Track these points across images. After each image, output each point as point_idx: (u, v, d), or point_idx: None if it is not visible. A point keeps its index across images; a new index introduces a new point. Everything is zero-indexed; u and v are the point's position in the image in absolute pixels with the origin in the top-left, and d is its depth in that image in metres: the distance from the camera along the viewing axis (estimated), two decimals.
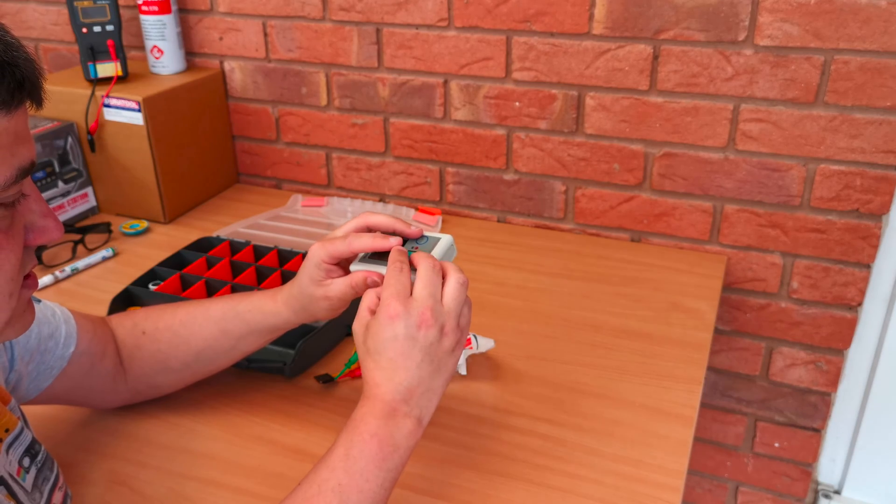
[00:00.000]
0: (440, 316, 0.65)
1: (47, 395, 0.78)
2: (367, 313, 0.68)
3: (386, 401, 0.64)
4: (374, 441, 0.63)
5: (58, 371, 0.77)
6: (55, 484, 0.69)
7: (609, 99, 1.23)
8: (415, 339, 0.64)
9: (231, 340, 0.83)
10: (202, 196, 1.49)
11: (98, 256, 1.25)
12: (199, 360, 0.85)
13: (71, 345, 0.78)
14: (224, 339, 0.83)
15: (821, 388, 1.31)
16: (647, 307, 1.11)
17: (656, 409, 0.90)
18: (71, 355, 0.78)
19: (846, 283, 1.21)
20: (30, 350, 0.74)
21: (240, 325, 0.82)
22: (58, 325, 0.77)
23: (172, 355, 0.84)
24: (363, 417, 0.64)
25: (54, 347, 0.76)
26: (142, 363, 0.85)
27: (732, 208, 1.23)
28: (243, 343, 0.83)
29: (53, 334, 0.76)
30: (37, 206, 0.54)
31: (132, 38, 1.51)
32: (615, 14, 1.17)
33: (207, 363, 0.85)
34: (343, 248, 0.73)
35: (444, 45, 1.29)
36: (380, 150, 1.43)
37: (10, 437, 0.64)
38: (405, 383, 0.64)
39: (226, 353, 0.84)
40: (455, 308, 0.66)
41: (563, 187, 1.32)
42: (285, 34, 1.40)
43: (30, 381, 0.75)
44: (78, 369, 0.79)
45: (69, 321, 0.79)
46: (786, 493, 1.42)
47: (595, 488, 0.79)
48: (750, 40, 1.11)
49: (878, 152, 1.11)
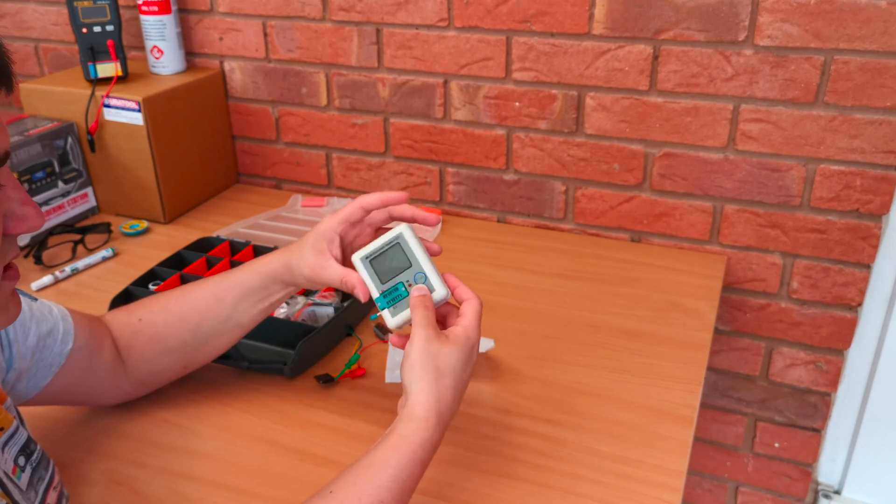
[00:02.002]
0: None
1: (48, 393, 0.78)
2: (434, 333, 0.69)
3: (446, 420, 0.68)
4: (423, 466, 0.66)
5: (57, 368, 0.77)
6: (50, 483, 0.69)
7: (609, 99, 1.23)
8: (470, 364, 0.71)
9: (226, 308, 0.83)
10: (202, 196, 1.49)
11: (98, 256, 1.25)
12: (196, 335, 0.85)
13: (69, 341, 0.78)
14: (219, 308, 0.83)
15: (821, 389, 1.31)
16: (647, 307, 1.11)
17: (656, 409, 0.90)
18: (69, 352, 0.78)
19: (846, 283, 1.21)
20: (29, 348, 0.74)
21: (232, 289, 0.82)
22: (55, 323, 0.77)
23: (169, 334, 0.84)
24: (424, 444, 0.65)
25: (52, 344, 0.76)
26: (140, 349, 0.85)
27: (732, 208, 1.23)
28: (239, 312, 0.83)
29: (52, 331, 0.76)
30: (15, 195, 0.53)
31: (132, 38, 1.51)
32: (615, 14, 1.17)
33: (205, 339, 0.85)
34: (354, 207, 0.77)
35: (444, 46, 1.29)
36: (380, 150, 1.43)
37: (5, 436, 0.64)
38: (458, 404, 0.70)
39: (222, 325, 0.84)
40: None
41: (563, 187, 1.32)
42: (285, 34, 1.40)
43: (29, 378, 0.75)
44: (77, 365, 0.79)
45: (66, 318, 0.79)
46: (786, 494, 1.42)
47: (595, 488, 0.79)
48: (750, 40, 1.11)
49: (878, 152, 1.11)
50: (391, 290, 0.74)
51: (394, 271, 0.74)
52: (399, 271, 0.74)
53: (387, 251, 0.75)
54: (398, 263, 0.74)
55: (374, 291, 0.75)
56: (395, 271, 0.74)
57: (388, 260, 0.75)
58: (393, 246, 0.75)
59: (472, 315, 0.71)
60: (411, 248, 0.74)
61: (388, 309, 0.74)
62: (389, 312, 0.74)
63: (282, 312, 1.04)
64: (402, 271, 0.74)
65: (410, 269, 0.74)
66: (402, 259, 0.74)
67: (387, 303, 0.74)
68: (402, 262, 0.74)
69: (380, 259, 0.75)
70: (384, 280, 0.75)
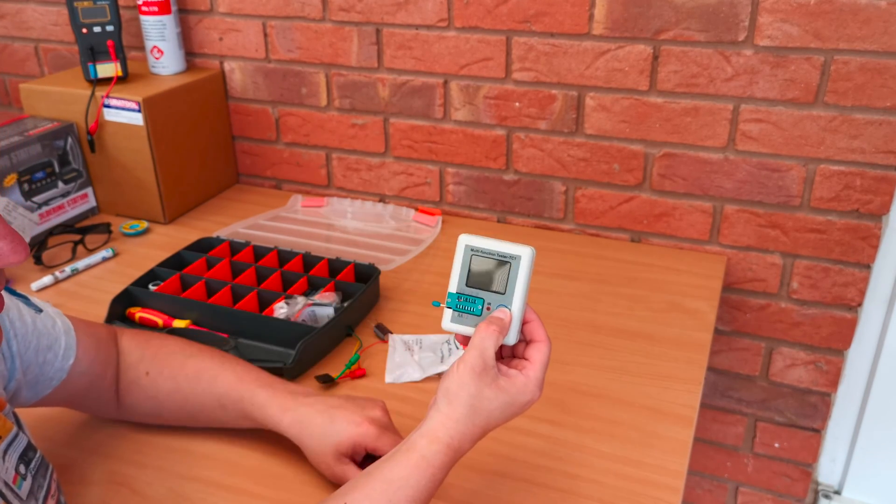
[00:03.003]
0: None
1: (46, 401, 0.78)
2: (485, 369, 0.64)
3: (466, 450, 0.66)
4: (437, 488, 0.64)
5: (57, 383, 0.76)
6: (48, 492, 0.68)
7: (609, 99, 1.23)
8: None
9: (227, 417, 0.83)
10: (202, 196, 1.49)
11: (98, 257, 1.25)
12: (191, 419, 0.85)
13: (70, 357, 0.77)
14: (220, 413, 0.83)
15: (821, 389, 1.31)
16: (647, 307, 1.11)
17: (656, 410, 0.90)
18: (70, 368, 0.77)
19: (846, 283, 1.21)
20: (28, 362, 0.73)
21: (237, 412, 0.82)
22: (57, 337, 0.76)
23: (167, 407, 0.84)
24: (443, 467, 0.64)
25: (53, 359, 0.76)
26: (136, 401, 0.84)
27: (732, 208, 1.23)
28: (238, 423, 0.83)
29: (52, 346, 0.76)
30: None
31: (132, 39, 1.51)
32: (615, 14, 1.17)
33: (199, 422, 0.86)
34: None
35: (444, 46, 1.29)
36: (380, 150, 1.43)
37: (4, 443, 0.64)
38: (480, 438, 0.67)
39: (218, 422, 0.85)
40: None
41: (563, 187, 1.32)
42: (285, 34, 1.40)
43: (28, 389, 0.75)
44: (76, 384, 0.79)
45: (69, 332, 0.78)
46: (786, 494, 1.42)
47: (595, 488, 0.79)
48: (750, 40, 1.11)
49: (878, 152, 1.11)
50: (469, 297, 0.67)
51: (484, 284, 0.67)
52: (489, 288, 0.66)
53: (495, 260, 0.67)
54: (495, 281, 0.66)
55: (454, 284, 0.67)
56: (486, 285, 0.67)
57: (490, 269, 0.67)
58: (505, 262, 0.66)
59: (539, 366, 0.65)
60: (519, 278, 0.66)
61: (453, 311, 0.67)
62: (451, 316, 0.67)
63: (282, 312, 1.04)
64: (492, 292, 0.66)
65: (502, 296, 0.66)
66: (502, 281, 0.66)
67: (456, 305, 0.67)
68: (499, 282, 0.66)
69: (482, 261, 0.67)
70: (470, 283, 0.67)
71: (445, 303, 0.67)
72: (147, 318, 1.06)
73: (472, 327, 0.66)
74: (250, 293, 1.07)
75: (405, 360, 0.98)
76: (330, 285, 1.10)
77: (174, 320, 1.05)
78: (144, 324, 1.06)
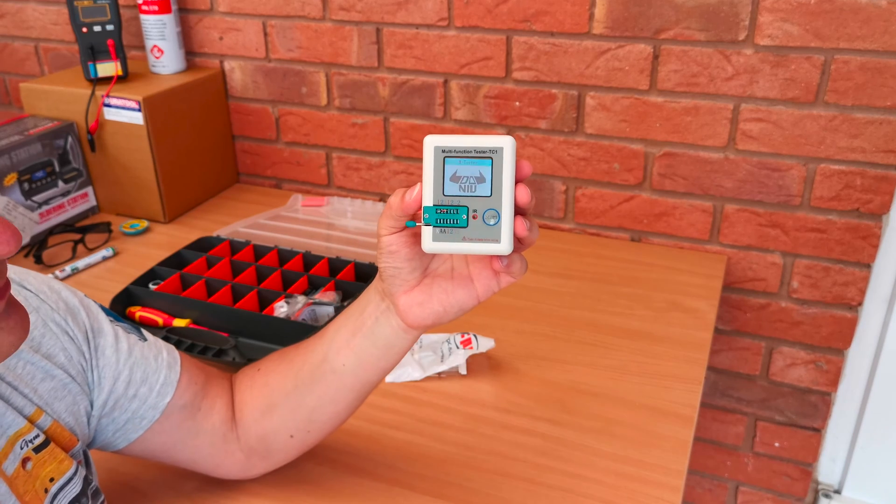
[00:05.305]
0: None
1: (141, 447, 0.70)
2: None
3: None
4: None
5: (150, 423, 0.69)
6: None
7: (609, 99, 1.23)
8: None
9: (323, 344, 0.70)
10: (202, 196, 1.49)
11: (98, 256, 1.25)
12: (297, 385, 0.71)
13: (167, 394, 0.69)
14: (317, 344, 0.71)
15: (821, 388, 1.31)
16: (647, 307, 1.11)
17: (656, 409, 0.90)
18: (166, 406, 0.69)
19: (846, 282, 1.21)
20: (115, 396, 0.67)
21: (333, 321, 0.70)
22: (157, 369, 0.69)
23: (274, 382, 0.73)
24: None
25: (147, 394, 0.68)
26: (251, 404, 0.74)
27: (732, 208, 1.23)
28: (333, 349, 0.69)
29: (147, 380, 0.68)
30: None
31: (132, 38, 1.51)
32: (615, 14, 1.17)
33: (307, 390, 0.71)
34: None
35: (444, 45, 1.29)
36: (380, 149, 1.43)
37: (55, 487, 0.59)
38: None
39: (318, 368, 0.70)
40: None
41: (563, 187, 1.32)
42: (285, 34, 1.40)
43: (116, 427, 0.68)
44: (176, 424, 0.70)
45: (174, 367, 0.70)
46: (786, 493, 1.42)
47: (595, 488, 0.79)
48: (750, 40, 1.11)
49: (878, 152, 1.11)
50: (450, 208, 0.56)
51: (465, 188, 0.56)
52: (472, 192, 0.56)
53: (473, 158, 0.56)
54: (477, 183, 0.56)
55: (428, 197, 0.56)
56: (467, 189, 0.56)
57: (469, 170, 0.56)
58: (484, 158, 0.55)
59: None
60: (504, 175, 0.55)
61: (434, 228, 0.56)
62: (433, 234, 0.56)
63: (282, 312, 1.04)
64: (476, 196, 0.56)
65: (488, 199, 0.55)
66: (485, 181, 0.55)
67: (436, 220, 0.56)
68: (483, 184, 0.55)
69: (458, 162, 0.56)
70: (448, 191, 0.56)
71: (422, 220, 0.56)
72: (147, 317, 1.06)
73: (461, 241, 0.56)
74: (250, 292, 1.07)
75: (405, 360, 0.98)
76: (330, 284, 1.10)
77: (174, 319, 1.05)
78: (144, 323, 1.06)
